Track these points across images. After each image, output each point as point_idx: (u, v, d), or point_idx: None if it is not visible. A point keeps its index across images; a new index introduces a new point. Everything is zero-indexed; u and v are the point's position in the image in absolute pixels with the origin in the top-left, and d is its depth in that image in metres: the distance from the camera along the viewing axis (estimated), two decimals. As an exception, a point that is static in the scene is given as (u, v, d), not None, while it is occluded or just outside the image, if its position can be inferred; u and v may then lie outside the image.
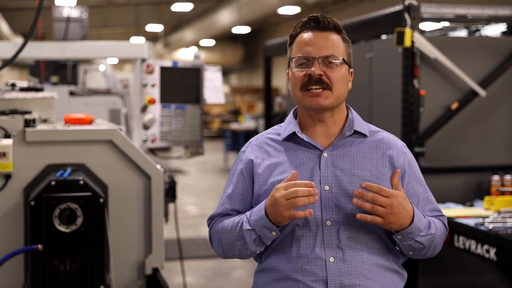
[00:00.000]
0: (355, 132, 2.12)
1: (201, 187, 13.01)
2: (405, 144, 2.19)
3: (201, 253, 7.58)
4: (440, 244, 2.13)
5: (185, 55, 27.85)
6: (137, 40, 23.94)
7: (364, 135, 2.12)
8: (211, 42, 26.61)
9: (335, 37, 2.08)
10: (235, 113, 24.62)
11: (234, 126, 17.71)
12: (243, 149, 2.23)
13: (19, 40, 21.19)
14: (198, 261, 7.23)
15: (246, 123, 17.68)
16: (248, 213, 2.06)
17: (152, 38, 26.07)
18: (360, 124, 2.14)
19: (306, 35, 2.08)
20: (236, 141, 16.72)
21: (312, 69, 2.03)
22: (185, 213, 9.98)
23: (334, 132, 2.11)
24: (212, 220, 2.23)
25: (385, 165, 2.09)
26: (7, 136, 2.87)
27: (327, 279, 1.98)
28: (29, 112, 3.05)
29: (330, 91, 2.04)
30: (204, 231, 8.96)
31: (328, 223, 2.02)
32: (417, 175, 2.16)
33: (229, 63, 27.68)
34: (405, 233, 1.98)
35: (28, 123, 2.92)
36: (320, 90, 2.03)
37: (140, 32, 22.25)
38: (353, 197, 1.97)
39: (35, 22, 3.31)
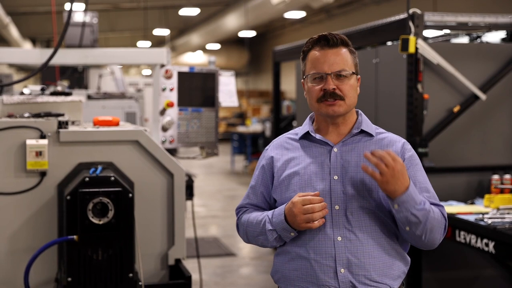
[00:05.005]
0: (363, 131, 2.40)
1: (209, 189, 13.22)
2: (407, 142, 2.44)
3: (212, 252, 7.82)
4: (437, 231, 2.26)
5: (192, 59, 28.04)
6: (144, 44, 24.15)
7: (370, 135, 2.40)
8: (216, 46, 26.78)
9: (343, 52, 2.35)
10: (241, 117, 24.76)
11: (241, 129, 17.78)
12: (266, 148, 2.57)
13: (28, 45, 21.44)
14: (209, 259, 7.46)
15: (253, 126, 17.79)
16: (270, 214, 2.38)
17: (159, 42, 26.24)
18: (368, 125, 2.42)
19: (319, 53, 2.36)
20: (243, 144, 16.77)
21: (327, 84, 2.32)
22: (194, 213, 10.18)
23: (345, 132, 2.41)
24: (239, 210, 2.57)
25: None
26: (42, 136, 3.12)
27: (335, 256, 2.26)
28: (62, 115, 3.29)
29: (343, 101, 2.33)
30: (213, 231, 9.19)
31: (337, 207, 2.30)
32: (417, 166, 2.38)
33: (235, 66, 27.78)
34: (400, 201, 2.18)
35: (61, 125, 3.16)
36: (334, 100, 2.32)
37: (147, 36, 22.45)
38: (358, 185, 2.28)
39: (65, 30, 3.55)
